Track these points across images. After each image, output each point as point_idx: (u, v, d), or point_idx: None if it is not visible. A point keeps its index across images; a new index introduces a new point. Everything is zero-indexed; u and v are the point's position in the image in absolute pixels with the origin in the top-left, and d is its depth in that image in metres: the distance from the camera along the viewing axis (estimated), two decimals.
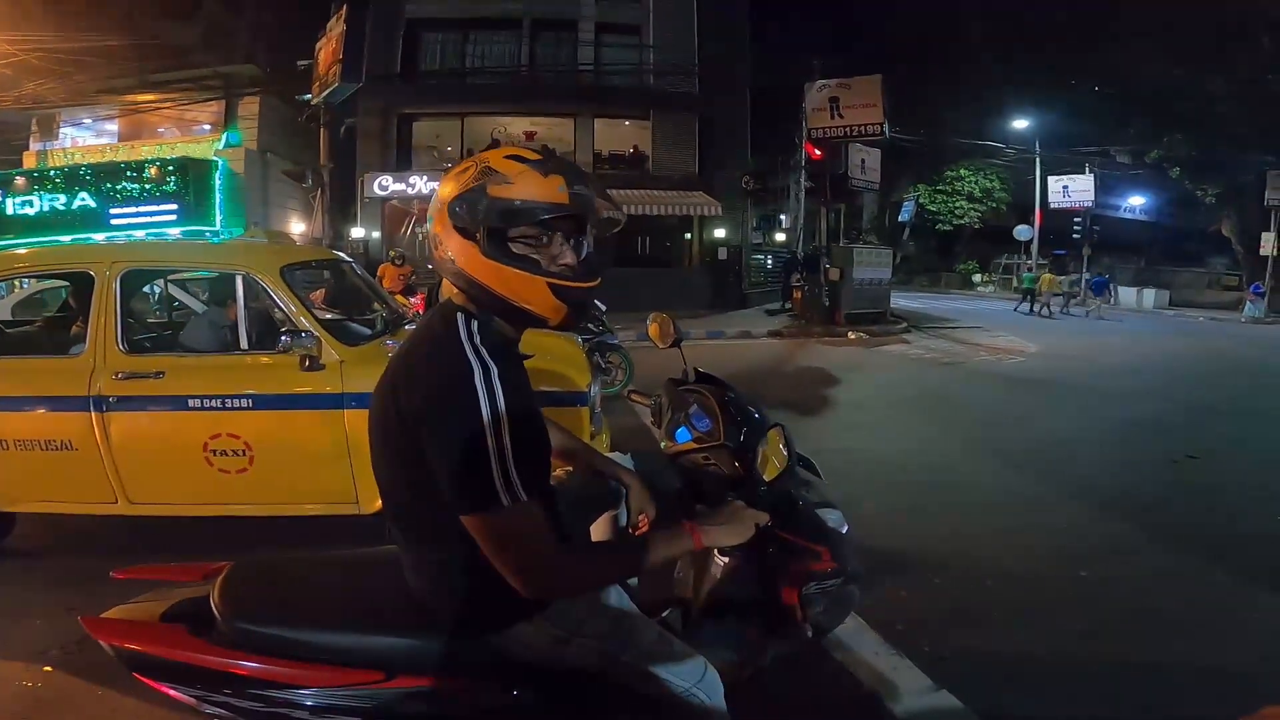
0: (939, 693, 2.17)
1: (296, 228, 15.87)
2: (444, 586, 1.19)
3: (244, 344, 3.11)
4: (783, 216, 22.58)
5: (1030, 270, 20.20)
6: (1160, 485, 4.45)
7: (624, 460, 1.74)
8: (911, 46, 23.01)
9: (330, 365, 2.91)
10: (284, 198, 16.60)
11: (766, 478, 1.56)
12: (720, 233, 16.82)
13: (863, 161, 16.61)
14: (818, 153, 15.43)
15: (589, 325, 6.40)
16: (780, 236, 22.06)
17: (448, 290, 1.24)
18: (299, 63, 13.71)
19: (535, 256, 1.16)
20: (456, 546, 1.11)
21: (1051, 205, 23.89)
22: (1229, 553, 3.31)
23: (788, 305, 15.43)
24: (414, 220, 16.37)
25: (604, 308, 6.85)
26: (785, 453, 1.60)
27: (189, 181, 11.43)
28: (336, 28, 12.69)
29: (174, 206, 11.21)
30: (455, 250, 1.16)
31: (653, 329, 1.93)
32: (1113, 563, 3.24)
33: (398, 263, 10.02)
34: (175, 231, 10.81)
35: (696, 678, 1.26)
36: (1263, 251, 20.43)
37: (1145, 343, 12.78)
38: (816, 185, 16.11)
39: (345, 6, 12.66)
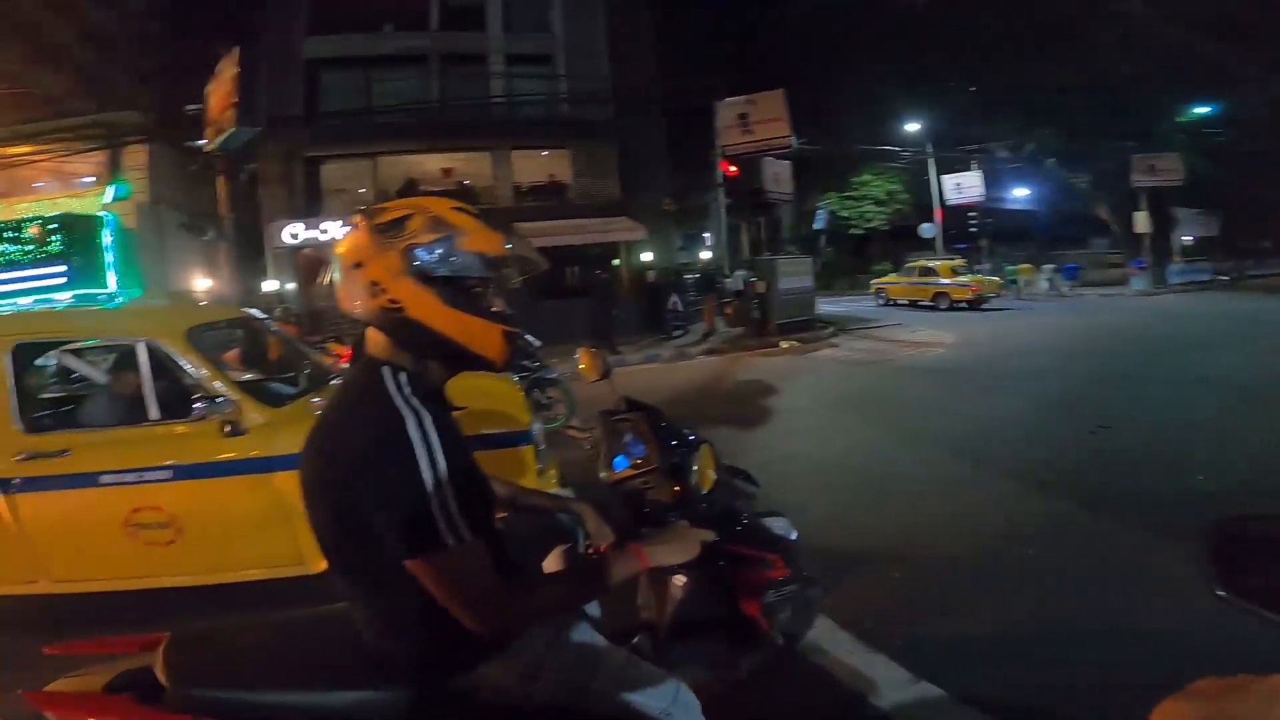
0: (919, 684, 2.22)
1: (201, 284, 14.96)
2: (400, 635, 1.17)
3: (153, 414, 2.91)
4: (706, 235, 23.09)
5: (1011, 265, 23.34)
6: (1081, 457, 4.74)
7: (569, 496, 1.77)
8: (808, 61, 24.28)
9: (254, 429, 2.79)
10: (184, 253, 15.63)
11: (703, 489, 1.62)
12: (647, 256, 16.98)
13: (775, 175, 17.25)
14: (733, 169, 15.96)
15: (524, 363, 6.30)
16: (706, 255, 22.51)
17: (373, 342, 1.21)
18: (187, 108, 13.00)
19: (485, 304, 1.21)
20: (408, 593, 1.09)
21: (948, 202, 25.55)
22: (1155, 517, 3.46)
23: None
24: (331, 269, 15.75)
25: (538, 343, 6.76)
26: (714, 467, 1.66)
27: (75, 240, 10.56)
28: (229, 69, 12.12)
29: (62, 269, 10.32)
30: (408, 298, 1.15)
31: (584, 363, 1.95)
32: (1053, 537, 3.41)
33: (289, 320, 9.62)
34: (66, 297, 9.96)
35: (669, 700, 1.25)
36: (1137, 230, 22.60)
37: (1049, 323, 13.73)
38: (735, 201, 16.61)
39: (238, 48, 12.15)
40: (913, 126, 25.58)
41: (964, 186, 25.07)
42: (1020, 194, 27.46)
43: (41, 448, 2.78)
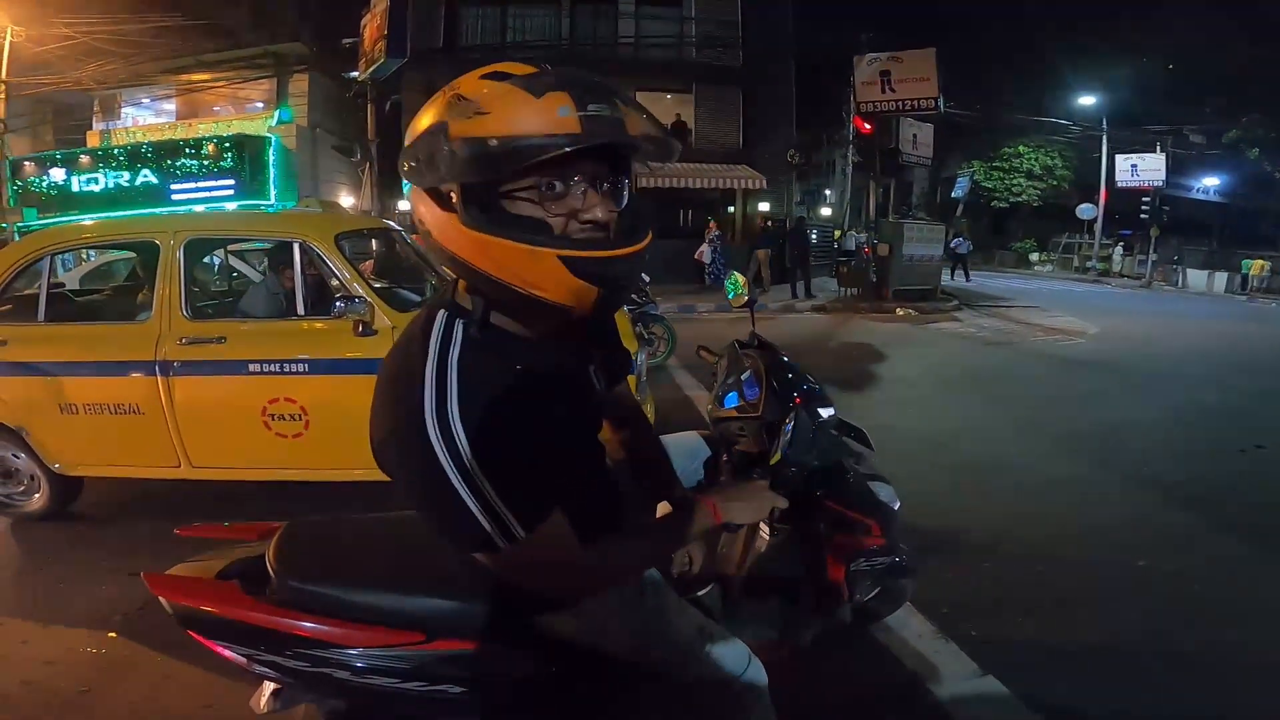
0: (984, 678, 2.12)
1: (346, 201, 16.24)
2: (474, 570, 1.13)
3: (300, 310, 3.17)
4: (828, 191, 22.08)
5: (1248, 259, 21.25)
6: (1226, 475, 4.21)
7: (691, 440, 1.66)
8: (968, 17, 22.00)
9: (382, 330, 2.98)
10: (333, 172, 16.97)
11: (771, 460, 1.41)
12: (764, 206, 16.52)
13: (914, 136, 16.09)
14: (867, 127, 15.05)
15: (633, 295, 6.30)
16: (826, 211, 21.55)
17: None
18: (344, 41, 13.91)
19: (545, 217, 0.84)
20: None
21: (1118, 184, 22.76)
22: None
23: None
24: None
25: (648, 278, 6.78)
26: (784, 442, 1.43)
27: (245, 158, 11.78)
28: (381, 3, 12.79)
29: (231, 182, 11.60)
30: (429, 219, 0.87)
31: (741, 286, 1.98)
32: (1172, 553, 3.10)
33: None
34: (232, 206, 11.19)
35: (741, 667, 1.20)
36: None
37: (1214, 327, 12.11)
38: (865, 160, 15.70)
39: None
40: (1087, 100, 22.73)
41: (1141, 169, 22.17)
42: (1209, 184, 23.92)
43: (202, 334, 3.05)
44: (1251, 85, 19.09)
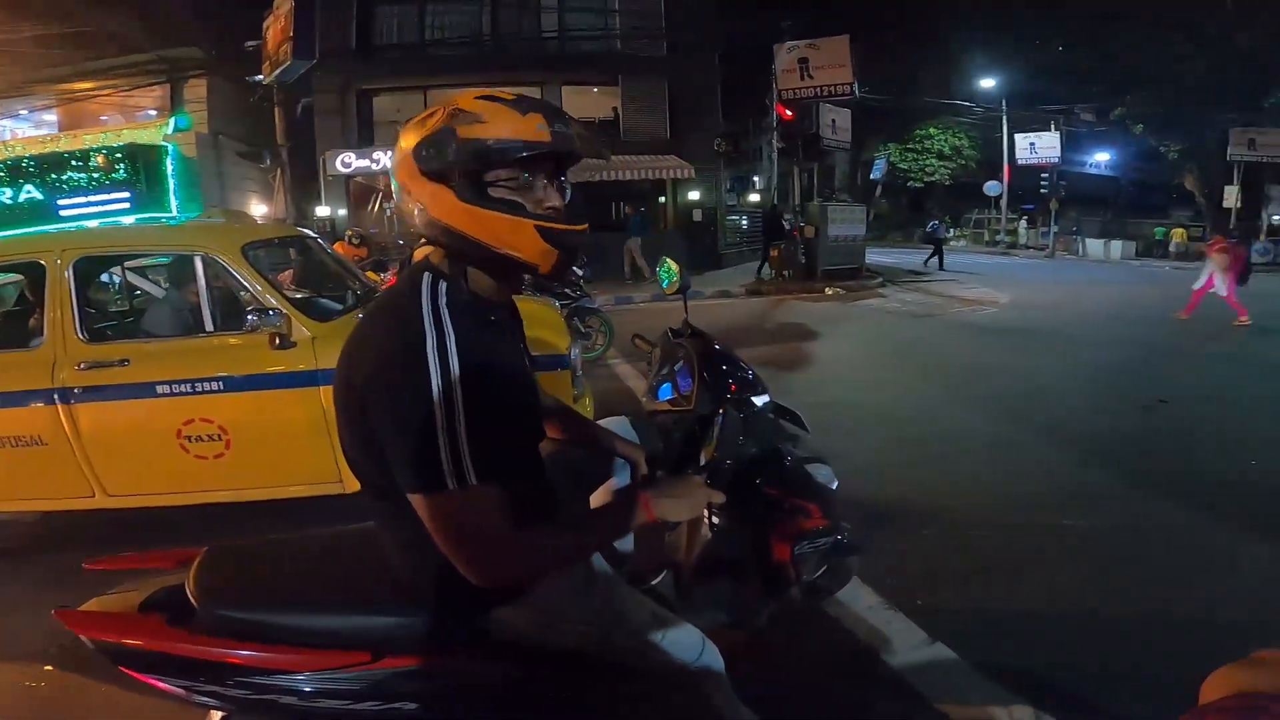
0: (934, 645, 2.19)
1: (258, 209, 15.39)
2: (423, 565, 1.11)
3: (209, 325, 3.00)
4: (756, 178, 22.49)
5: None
6: (1135, 431, 4.53)
7: (619, 425, 1.67)
8: (879, 5, 22.74)
9: (302, 342, 2.84)
10: (242, 179, 16.05)
11: (702, 458, 1.40)
12: (694, 195, 16.67)
13: (834, 121, 16.56)
14: (789, 114, 15.38)
15: (566, 290, 6.25)
16: (754, 197, 21.96)
17: (421, 255, 1.17)
18: (247, 44, 13.13)
19: (518, 200, 1.10)
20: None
21: (1019, 162, 24.15)
22: (1208, 499, 3.31)
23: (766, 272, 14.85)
24: (380, 197, 16.00)
25: (581, 272, 6.72)
26: (716, 441, 1.41)
27: (139, 168, 10.95)
28: (285, 4, 12.09)
29: (126, 194, 10.75)
30: (427, 198, 1.10)
31: (676, 272, 1.99)
32: (1095, 510, 3.28)
33: (354, 243, 9.71)
34: (130, 219, 10.40)
35: (696, 652, 1.22)
36: (1226, 204, 21.05)
37: (1113, 291, 13.02)
38: (789, 146, 16.06)
39: None
40: (988, 83, 24.06)
41: (1039, 147, 23.60)
42: (1100, 159, 25.72)
43: (102, 357, 2.84)
44: (1135, 65, 20.51)
